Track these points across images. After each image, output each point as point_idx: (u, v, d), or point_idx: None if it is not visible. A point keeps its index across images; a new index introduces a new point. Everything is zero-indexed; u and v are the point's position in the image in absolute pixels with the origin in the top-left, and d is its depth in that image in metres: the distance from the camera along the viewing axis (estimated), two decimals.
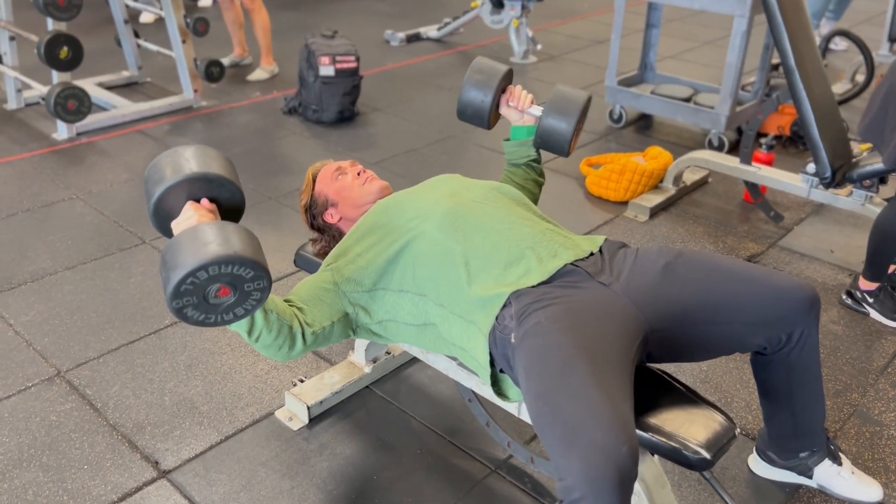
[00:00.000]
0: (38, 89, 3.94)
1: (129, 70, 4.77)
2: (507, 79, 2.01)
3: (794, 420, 1.84)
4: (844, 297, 2.69)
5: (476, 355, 1.62)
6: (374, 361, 2.23)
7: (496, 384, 1.63)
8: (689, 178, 3.52)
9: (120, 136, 3.98)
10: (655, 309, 1.57)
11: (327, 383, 2.18)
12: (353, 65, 4.07)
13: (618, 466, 1.21)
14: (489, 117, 1.99)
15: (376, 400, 2.20)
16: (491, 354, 1.59)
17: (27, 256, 2.86)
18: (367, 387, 2.24)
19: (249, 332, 1.54)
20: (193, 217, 1.43)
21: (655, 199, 3.33)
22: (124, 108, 4.19)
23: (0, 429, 2.06)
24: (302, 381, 2.19)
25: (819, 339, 1.72)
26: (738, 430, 1.57)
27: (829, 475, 1.90)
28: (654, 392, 1.63)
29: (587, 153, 3.88)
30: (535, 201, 2.10)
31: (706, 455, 1.49)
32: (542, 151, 2.06)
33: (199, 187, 1.47)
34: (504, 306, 1.56)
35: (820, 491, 1.92)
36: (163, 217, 1.48)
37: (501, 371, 1.61)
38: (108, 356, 2.35)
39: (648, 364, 1.68)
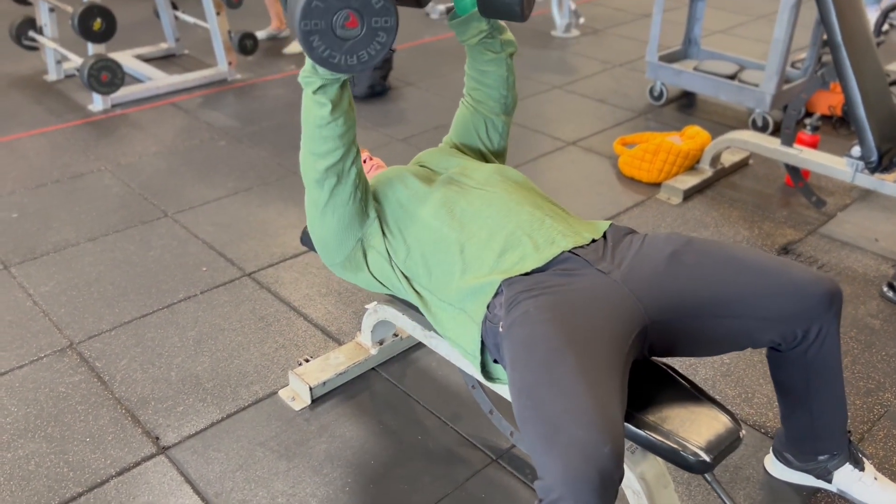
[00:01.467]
0: (75, 61, 3.98)
1: (168, 42, 4.79)
2: None
3: (813, 421, 1.73)
4: (886, 289, 2.53)
5: (463, 343, 1.56)
6: (381, 343, 2.19)
7: (486, 370, 1.56)
8: (728, 159, 3.36)
9: (153, 108, 4.00)
10: (657, 300, 1.48)
11: (332, 364, 2.14)
12: None
13: (599, 467, 1.14)
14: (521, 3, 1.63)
15: (381, 382, 2.16)
16: (484, 343, 1.52)
17: (52, 227, 2.89)
18: (373, 368, 2.20)
19: (334, 107, 1.49)
20: None
21: (690, 180, 3.19)
22: (159, 80, 4.21)
23: (10, 398, 2.09)
24: (307, 361, 2.16)
25: (840, 337, 1.60)
26: (743, 432, 1.47)
27: (849, 480, 1.78)
28: (655, 388, 1.54)
29: (623, 132, 3.75)
30: (510, 85, 1.87)
31: (705, 457, 1.40)
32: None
33: None
34: (496, 294, 1.49)
35: (839, 496, 1.81)
36: None
37: (496, 361, 1.54)
38: (120, 329, 2.35)
39: (652, 358, 1.60)
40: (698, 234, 2.88)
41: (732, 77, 3.78)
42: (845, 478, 1.78)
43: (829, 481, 1.80)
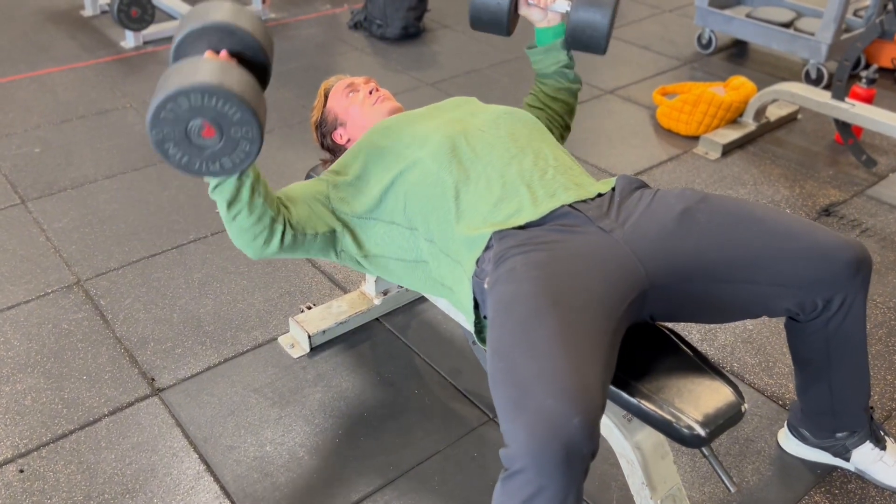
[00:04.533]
0: None
1: None
2: None
3: (832, 397, 1.60)
4: None
5: (461, 298, 1.48)
6: (385, 294, 2.12)
7: (481, 332, 1.48)
8: (775, 113, 3.15)
9: None
10: (661, 261, 1.36)
11: (334, 312, 2.09)
12: None
13: (565, 439, 1.05)
14: (508, 21, 1.71)
15: (383, 333, 2.09)
16: (476, 299, 1.43)
17: (73, 163, 2.88)
18: (376, 319, 2.14)
19: (230, 205, 1.40)
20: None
21: (731, 134, 3.01)
22: None
23: (15, 332, 2.09)
24: (310, 308, 2.11)
25: (866, 309, 1.47)
26: (746, 406, 1.37)
27: (869, 459, 1.67)
28: (655, 354, 1.44)
29: (665, 81, 3.55)
30: (572, 113, 1.86)
31: (700, 431, 1.30)
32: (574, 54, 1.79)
33: (220, 39, 1.37)
34: (486, 248, 1.40)
35: (857, 475, 1.69)
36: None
37: (485, 317, 1.45)
38: (127, 268, 2.34)
39: (657, 322, 1.49)
40: (734, 192, 2.72)
41: (788, 25, 3.53)
42: (865, 457, 1.67)
43: (847, 459, 1.69)
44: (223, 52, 1.37)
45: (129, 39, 3.91)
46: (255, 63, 1.42)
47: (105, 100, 3.37)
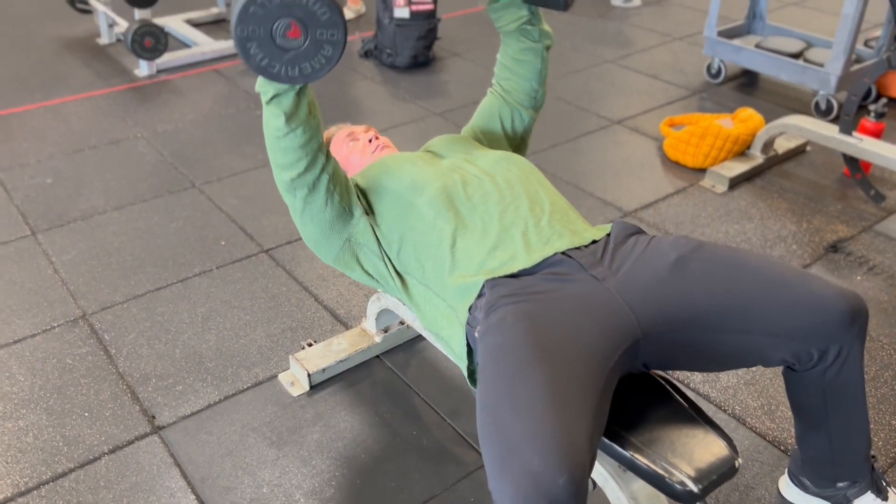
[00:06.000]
0: (124, 26, 4.00)
1: (218, 7, 4.78)
2: None
3: (831, 446, 1.58)
4: None
5: (452, 344, 1.48)
6: (386, 331, 2.12)
7: (473, 375, 1.47)
8: (783, 145, 3.14)
9: (196, 74, 4.00)
10: (653, 310, 1.36)
11: (334, 350, 2.09)
12: (430, 7, 3.88)
13: (550, 499, 1.05)
14: None
15: (383, 371, 2.09)
16: (469, 345, 1.44)
17: (83, 194, 2.92)
18: (377, 356, 2.14)
19: (289, 118, 1.39)
20: None
21: (738, 167, 3.00)
22: (204, 45, 4.20)
23: (19, 367, 2.11)
24: (310, 345, 2.12)
25: (863, 360, 1.45)
26: (740, 461, 1.35)
27: None
28: (648, 404, 1.43)
29: (674, 111, 3.55)
30: (541, 78, 1.79)
31: (693, 487, 1.29)
32: (540, 11, 1.73)
33: None
34: (479, 296, 1.40)
35: None
36: None
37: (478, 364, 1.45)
38: (132, 302, 2.36)
39: (651, 371, 1.48)
40: (741, 227, 2.70)
41: (797, 56, 3.52)
42: None
43: None
44: None
45: (143, 68, 3.97)
46: None
47: (117, 129, 3.41)
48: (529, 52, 1.77)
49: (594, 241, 1.49)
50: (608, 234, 1.51)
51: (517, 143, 1.87)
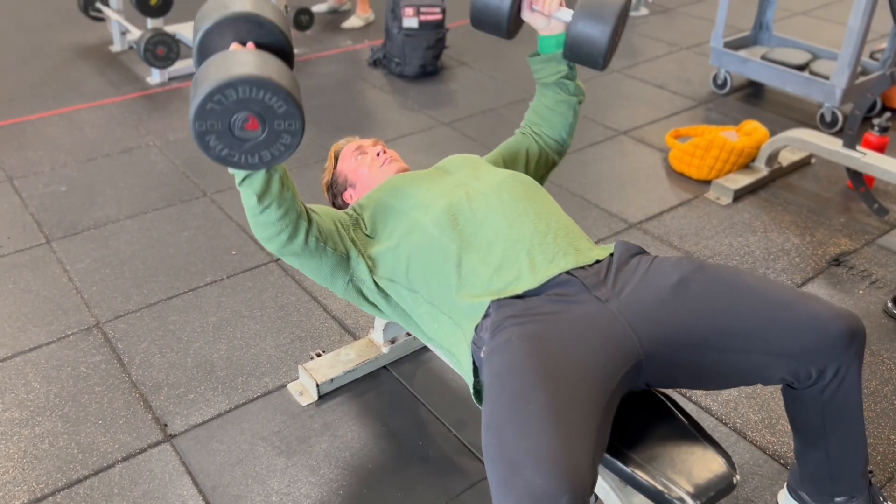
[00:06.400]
0: (136, 34, 4.05)
1: None
2: None
3: (829, 462, 1.61)
4: (890, 304, 2.35)
5: (461, 360, 1.52)
6: (393, 342, 2.16)
7: (479, 393, 1.51)
8: (788, 158, 3.17)
9: None
10: (655, 331, 1.39)
11: (342, 360, 2.13)
12: (438, 17, 3.92)
13: None
14: (508, 23, 1.70)
15: (390, 382, 2.13)
16: (475, 364, 1.48)
17: (96, 202, 2.97)
18: (384, 367, 2.18)
19: (260, 197, 1.44)
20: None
21: (743, 180, 3.03)
22: None
23: (35, 375, 2.16)
24: (319, 356, 2.16)
25: (861, 378, 1.48)
26: (738, 477, 1.38)
27: None
28: (649, 421, 1.47)
29: (680, 121, 3.58)
30: (570, 129, 1.88)
31: (691, 503, 1.32)
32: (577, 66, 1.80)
33: (247, 30, 1.39)
34: (485, 316, 1.44)
35: None
36: (206, 57, 1.41)
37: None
38: (145, 310, 2.40)
39: (652, 388, 1.52)
40: (744, 240, 2.73)
41: (802, 68, 3.55)
42: None
43: None
44: (250, 44, 1.40)
45: (155, 76, 4.02)
46: (281, 54, 1.42)
47: (129, 137, 3.46)
48: (564, 104, 1.85)
49: (598, 261, 1.52)
50: (611, 255, 1.55)
51: (536, 180, 1.91)
